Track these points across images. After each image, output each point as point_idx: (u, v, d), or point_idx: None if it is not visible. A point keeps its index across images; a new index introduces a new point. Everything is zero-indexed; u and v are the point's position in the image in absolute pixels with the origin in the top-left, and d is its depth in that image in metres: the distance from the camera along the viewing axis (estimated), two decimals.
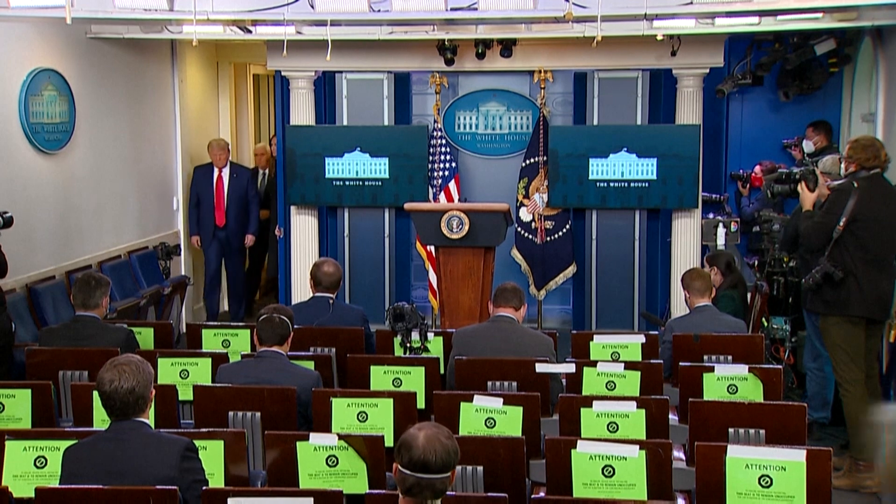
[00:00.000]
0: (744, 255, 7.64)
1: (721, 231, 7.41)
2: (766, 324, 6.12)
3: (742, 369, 4.40)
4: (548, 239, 8.06)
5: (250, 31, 6.76)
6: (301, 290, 7.87)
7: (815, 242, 5.14)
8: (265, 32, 6.84)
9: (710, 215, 7.77)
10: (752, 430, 3.86)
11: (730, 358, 4.88)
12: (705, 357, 4.91)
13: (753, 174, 7.64)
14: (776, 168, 6.75)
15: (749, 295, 6.46)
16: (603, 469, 3.40)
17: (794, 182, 5.50)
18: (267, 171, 9.01)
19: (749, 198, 7.81)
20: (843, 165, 5.29)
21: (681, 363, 4.57)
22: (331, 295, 5.34)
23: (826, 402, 5.69)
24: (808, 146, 7.29)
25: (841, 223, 5.00)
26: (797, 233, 5.34)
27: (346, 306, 5.62)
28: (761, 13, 6.02)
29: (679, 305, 6.69)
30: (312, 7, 5.51)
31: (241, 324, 5.54)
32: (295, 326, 4.47)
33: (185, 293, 8.14)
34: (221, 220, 8.25)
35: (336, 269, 5.36)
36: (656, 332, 5.33)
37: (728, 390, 4.38)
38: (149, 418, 3.26)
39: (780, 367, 4.54)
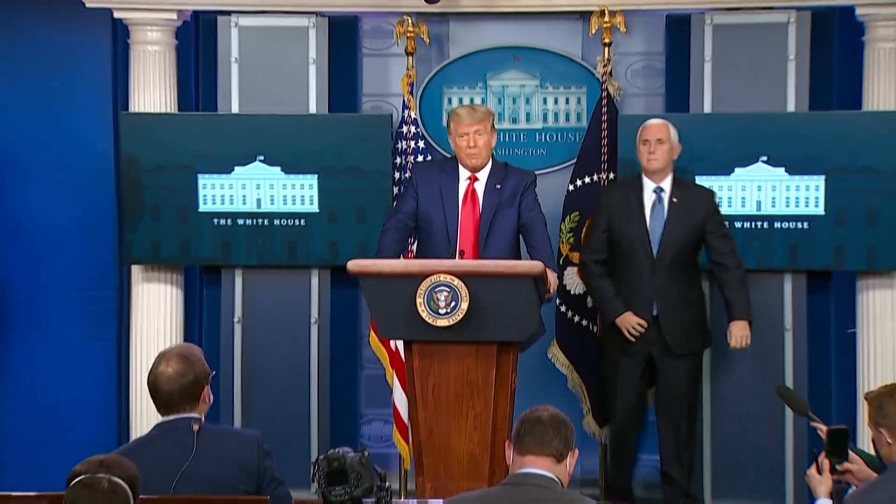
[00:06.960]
0: None
1: None
2: None
3: None
4: None
5: None
6: (148, 415, 7.66)
7: None
8: None
9: None
10: None
11: None
12: None
13: None
14: None
15: None
16: None
17: None
18: None
19: None
20: None
21: None
22: (193, 415, 5.10)
23: None
24: None
25: None
26: None
27: (224, 431, 5.47)
28: None
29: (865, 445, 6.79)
30: None
31: (32, 493, 5.31)
32: (142, 496, 4.20)
33: None
34: None
35: (179, 365, 5.11)
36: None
37: None
38: None
39: None
